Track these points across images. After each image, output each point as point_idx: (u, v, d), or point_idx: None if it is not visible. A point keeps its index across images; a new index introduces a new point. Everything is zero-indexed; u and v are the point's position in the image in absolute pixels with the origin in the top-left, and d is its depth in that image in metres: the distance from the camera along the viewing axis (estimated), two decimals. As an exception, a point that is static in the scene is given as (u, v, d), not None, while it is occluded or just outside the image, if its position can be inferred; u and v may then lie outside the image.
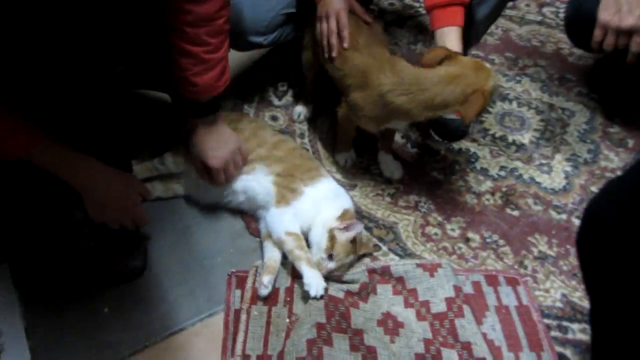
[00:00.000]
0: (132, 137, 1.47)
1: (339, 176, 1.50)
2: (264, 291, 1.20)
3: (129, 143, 1.40)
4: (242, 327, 1.16)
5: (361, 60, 1.33)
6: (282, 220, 1.25)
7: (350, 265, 1.24)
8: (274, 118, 1.67)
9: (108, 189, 1.11)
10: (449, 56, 1.23)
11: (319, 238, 1.22)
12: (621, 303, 0.60)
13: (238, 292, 1.23)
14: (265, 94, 1.76)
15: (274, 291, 1.22)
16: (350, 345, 1.07)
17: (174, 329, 1.18)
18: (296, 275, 1.23)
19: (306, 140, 1.61)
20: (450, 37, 1.33)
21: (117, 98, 1.24)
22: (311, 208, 1.28)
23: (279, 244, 1.24)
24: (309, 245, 1.25)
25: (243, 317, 1.18)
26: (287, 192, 1.28)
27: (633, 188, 0.57)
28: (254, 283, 1.24)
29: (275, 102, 1.73)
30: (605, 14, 1.37)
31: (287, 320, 1.17)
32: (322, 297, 1.14)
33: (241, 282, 1.25)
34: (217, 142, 1.28)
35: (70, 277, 1.25)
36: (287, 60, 1.88)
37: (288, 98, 1.75)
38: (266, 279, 1.20)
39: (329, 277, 1.20)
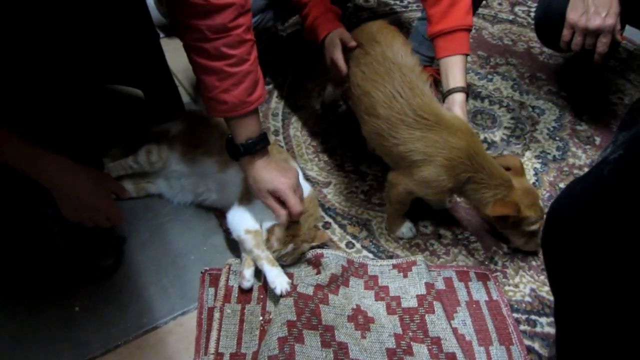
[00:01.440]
0: (104, 134, 1.46)
1: (312, 174, 1.51)
2: (247, 284, 1.20)
3: (101, 140, 1.38)
4: (215, 325, 1.16)
5: (431, 139, 1.18)
6: (242, 218, 1.25)
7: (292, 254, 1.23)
8: (249, 115, 1.67)
9: (79, 187, 1.10)
10: (516, 170, 1.26)
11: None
12: (582, 300, 0.62)
13: (211, 290, 1.23)
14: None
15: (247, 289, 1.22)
16: (322, 341, 1.08)
17: (147, 327, 1.18)
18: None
19: (280, 137, 1.61)
20: (456, 67, 1.29)
21: (88, 93, 1.22)
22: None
23: (239, 243, 1.24)
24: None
25: (216, 315, 1.18)
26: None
27: (593, 188, 0.59)
28: (227, 281, 1.24)
29: (250, 99, 1.73)
30: (573, 15, 1.40)
31: (261, 317, 1.18)
32: (290, 293, 1.15)
33: (214, 280, 1.25)
34: (279, 169, 1.18)
35: (41, 275, 1.23)
36: (262, 57, 1.87)
37: (262, 95, 1.74)
38: (247, 272, 1.20)
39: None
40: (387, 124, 1.20)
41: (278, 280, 1.16)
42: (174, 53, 1.56)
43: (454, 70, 1.28)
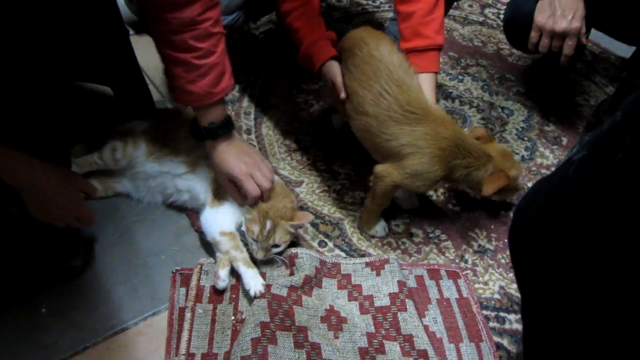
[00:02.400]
0: (72, 132, 1.43)
1: (285, 172, 1.51)
2: (222, 284, 1.19)
3: (67, 138, 1.36)
4: (186, 325, 1.15)
5: (420, 132, 1.21)
6: (216, 220, 1.24)
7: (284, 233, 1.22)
8: (221, 113, 1.65)
9: (48, 187, 1.07)
10: (485, 138, 1.33)
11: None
12: (546, 298, 0.64)
13: (182, 290, 1.22)
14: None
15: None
16: (295, 342, 1.07)
17: (116, 329, 1.15)
18: (241, 273, 1.23)
19: (253, 136, 1.61)
20: (425, 84, 1.30)
21: (56, 90, 1.19)
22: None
23: (214, 245, 1.23)
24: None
25: (187, 315, 1.16)
26: (222, 190, 1.28)
27: (557, 189, 0.60)
28: (199, 281, 1.22)
29: (222, 97, 1.71)
30: (541, 17, 1.43)
31: (233, 317, 1.17)
32: (264, 294, 1.15)
33: (186, 280, 1.24)
34: (240, 154, 1.22)
35: (5, 276, 1.20)
36: (235, 55, 1.87)
37: (234, 93, 1.73)
38: (222, 273, 1.19)
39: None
40: (376, 121, 1.23)
41: (253, 281, 1.16)
42: (144, 50, 1.54)
43: (424, 87, 1.29)
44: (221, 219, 1.24)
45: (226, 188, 1.25)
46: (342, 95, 1.29)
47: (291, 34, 1.41)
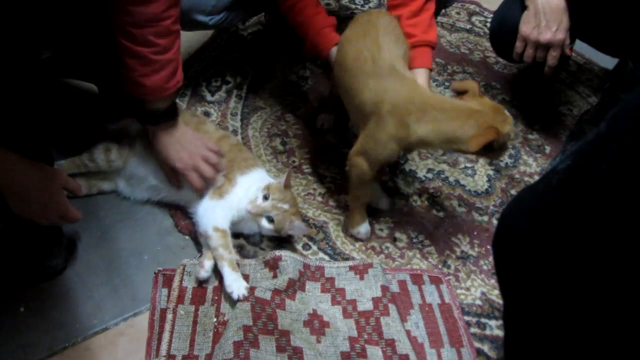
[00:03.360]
0: (56, 128, 1.41)
1: (270, 175, 1.50)
2: (204, 274, 1.19)
3: (51, 135, 1.34)
4: (167, 326, 1.14)
5: (381, 86, 1.21)
6: (213, 214, 1.24)
7: (284, 223, 1.26)
8: (207, 114, 1.65)
9: (30, 184, 1.05)
10: (473, 93, 1.21)
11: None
12: (529, 305, 0.65)
13: (165, 291, 1.21)
14: (198, 88, 1.73)
15: (202, 290, 1.21)
16: (277, 346, 1.07)
17: (97, 329, 1.14)
18: (224, 274, 1.23)
19: (239, 137, 1.60)
20: (421, 79, 1.32)
21: (41, 86, 1.18)
22: (243, 196, 1.28)
23: (205, 238, 1.23)
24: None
25: (169, 316, 1.16)
26: (224, 184, 1.28)
27: (541, 198, 0.61)
28: (181, 282, 1.22)
29: (208, 97, 1.71)
30: (526, 28, 1.45)
31: (215, 319, 1.16)
32: (247, 298, 1.14)
33: (168, 281, 1.23)
34: (181, 144, 1.25)
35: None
36: (222, 56, 1.86)
37: (221, 94, 1.73)
38: (207, 263, 1.20)
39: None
40: (351, 75, 1.26)
41: (236, 284, 1.15)
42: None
43: (419, 80, 1.30)
44: (218, 214, 1.24)
45: (166, 175, 1.30)
46: None
47: (296, 29, 1.46)
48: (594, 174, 0.52)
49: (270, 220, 1.25)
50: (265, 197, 1.25)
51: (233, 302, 1.16)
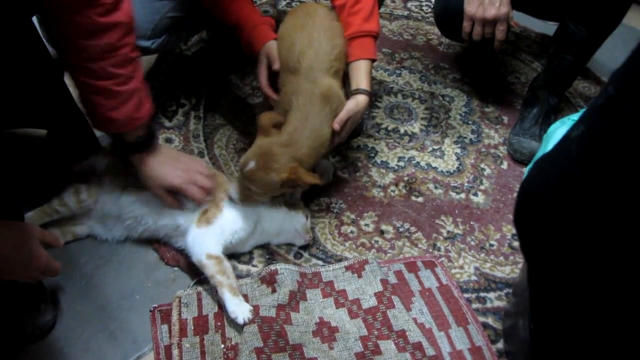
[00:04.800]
0: (16, 180, 1.34)
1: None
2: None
3: (14, 188, 1.27)
4: (176, 362, 1.11)
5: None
6: (204, 242, 1.21)
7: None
8: (169, 140, 1.61)
9: (4, 245, 1.00)
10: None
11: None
12: (557, 266, 0.66)
13: (165, 327, 1.18)
14: (154, 116, 1.68)
15: (203, 319, 1.18)
16: (292, 361, 1.06)
17: (102, 381, 1.10)
18: (223, 298, 1.21)
19: (206, 158, 1.57)
20: (357, 71, 1.36)
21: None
22: (236, 216, 1.26)
23: (199, 267, 1.20)
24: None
25: (175, 352, 1.12)
26: (210, 208, 1.25)
27: (563, 166, 0.63)
28: (180, 314, 1.18)
29: (167, 123, 1.67)
30: (470, 7, 1.49)
31: (222, 345, 1.14)
32: (253, 320, 1.12)
33: (166, 316, 1.19)
34: (172, 163, 1.23)
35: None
36: (171, 79, 1.82)
37: (179, 118, 1.69)
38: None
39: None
40: (281, 69, 1.32)
41: (239, 309, 1.13)
42: (73, 88, 1.48)
43: (356, 73, 1.36)
44: (209, 241, 1.21)
45: (162, 198, 1.24)
46: (276, 65, 1.34)
47: (234, 30, 1.45)
48: (612, 135, 0.53)
49: None
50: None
51: (239, 326, 1.14)
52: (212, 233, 1.23)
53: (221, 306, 1.19)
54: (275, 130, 1.24)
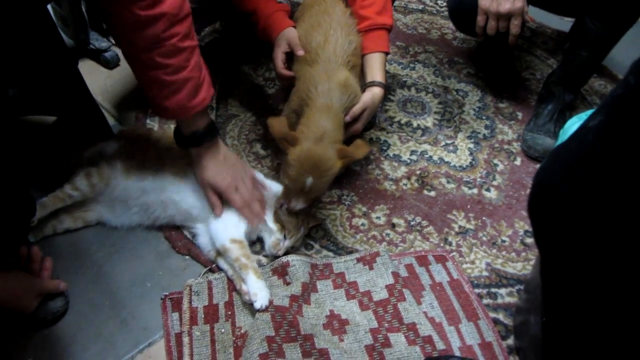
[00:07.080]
0: (28, 168, 1.35)
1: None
2: (247, 297, 1.16)
3: (25, 175, 1.28)
4: (186, 350, 1.11)
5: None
6: (227, 227, 1.23)
7: (302, 237, 1.30)
8: (181, 130, 1.61)
9: (7, 299, 1.07)
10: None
11: (269, 224, 1.28)
12: (570, 256, 0.66)
13: (175, 315, 1.18)
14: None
15: (214, 308, 1.18)
16: (302, 352, 1.06)
17: (113, 366, 1.11)
18: (233, 288, 1.21)
19: (219, 148, 1.57)
20: (371, 63, 1.39)
21: (9, 126, 1.13)
22: None
23: (223, 253, 1.21)
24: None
25: (185, 339, 1.13)
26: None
27: (579, 155, 0.62)
28: (190, 303, 1.19)
29: (179, 113, 1.67)
30: (485, 1, 1.48)
31: (232, 334, 1.14)
32: (267, 308, 1.12)
33: (177, 304, 1.20)
34: (225, 165, 1.26)
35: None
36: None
37: (192, 107, 1.69)
38: (245, 287, 1.17)
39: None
40: (299, 63, 1.36)
41: (261, 294, 1.13)
42: (88, 76, 1.48)
43: (371, 66, 1.39)
44: (231, 226, 1.23)
45: (206, 194, 1.26)
46: (300, 52, 1.35)
47: (250, 18, 1.47)
48: (631, 126, 0.53)
49: None
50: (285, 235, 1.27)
51: (250, 314, 1.14)
52: (232, 218, 1.24)
53: (231, 295, 1.19)
54: (293, 133, 1.22)
